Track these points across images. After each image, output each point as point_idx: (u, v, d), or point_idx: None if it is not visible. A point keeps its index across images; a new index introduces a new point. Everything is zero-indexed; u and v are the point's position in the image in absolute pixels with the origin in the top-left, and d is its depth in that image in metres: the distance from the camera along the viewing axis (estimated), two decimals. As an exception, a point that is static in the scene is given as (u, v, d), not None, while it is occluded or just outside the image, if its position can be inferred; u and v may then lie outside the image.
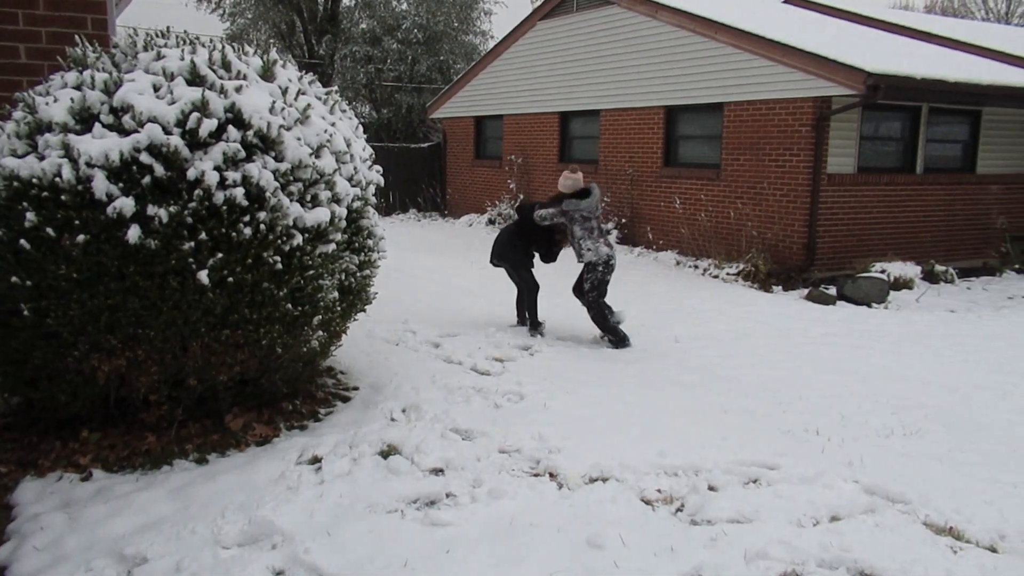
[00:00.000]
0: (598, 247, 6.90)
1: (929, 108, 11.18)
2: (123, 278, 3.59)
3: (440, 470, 3.82)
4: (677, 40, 12.00)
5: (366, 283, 4.77)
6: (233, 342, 3.91)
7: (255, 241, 3.73)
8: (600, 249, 6.89)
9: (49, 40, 4.82)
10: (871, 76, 9.24)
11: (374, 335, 6.61)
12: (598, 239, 6.94)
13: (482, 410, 4.76)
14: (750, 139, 11.07)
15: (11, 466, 3.75)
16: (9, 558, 3.02)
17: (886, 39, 13.18)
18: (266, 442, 4.14)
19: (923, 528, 3.48)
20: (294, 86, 4.23)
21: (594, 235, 6.92)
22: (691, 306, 8.90)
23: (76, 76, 3.85)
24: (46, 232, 3.49)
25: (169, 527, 3.18)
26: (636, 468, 3.93)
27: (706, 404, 5.25)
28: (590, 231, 6.90)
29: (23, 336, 3.72)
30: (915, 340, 7.59)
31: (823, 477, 3.91)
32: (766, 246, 10.72)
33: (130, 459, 3.85)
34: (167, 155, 3.58)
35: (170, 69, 3.82)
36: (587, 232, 6.88)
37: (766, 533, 3.32)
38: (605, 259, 6.89)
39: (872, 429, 4.97)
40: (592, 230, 6.92)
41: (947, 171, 11.71)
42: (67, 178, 3.47)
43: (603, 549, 3.14)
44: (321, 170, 4.05)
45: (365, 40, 23.91)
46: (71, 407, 3.96)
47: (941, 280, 10.84)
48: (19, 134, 3.68)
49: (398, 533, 3.19)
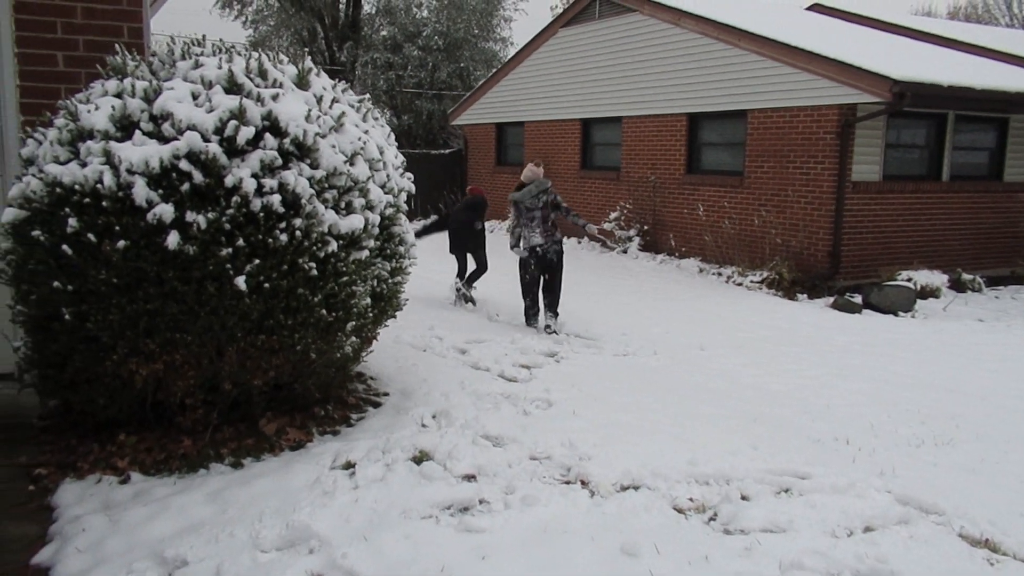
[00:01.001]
0: (531, 236, 7.70)
1: (955, 116, 11.12)
2: (162, 283, 3.64)
3: (472, 476, 3.83)
4: (700, 47, 12.00)
5: (397, 289, 4.81)
6: (268, 347, 3.95)
7: (291, 247, 3.77)
8: (531, 238, 7.69)
9: (86, 48, 4.90)
10: (897, 83, 9.21)
11: (401, 341, 6.64)
12: (534, 228, 7.69)
13: (511, 417, 4.77)
14: (774, 146, 11.04)
15: (51, 468, 3.81)
16: (53, 559, 3.06)
17: (911, 46, 13.12)
18: (300, 447, 4.17)
19: (959, 540, 3.45)
20: (328, 94, 4.27)
21: (531, 224, 7.69)
22: (715, 314, 8.88)
23: (116, 84, 3.91)
24: (87, 238, 3.54)
25: (208, 530, 3.21)
26: (667, 476, 3.93)
27: (734, 412, 5.23)
28: (529, 219, 7.70)
29: (63, 340, 3.77)
30: (943, 349, 7.53)
31: (855, 487, 3.89)
32: (790, 254, 10.68)
33: (167, 462, 3.89)
34: (206, 162, 3.63)
35: (208, 77, 3.87)
36: (525, 220, 7.70)
37: (800, 543, 3.31)
38: (528, 247, 7.71)
39: (902, 439, 4.94)
40: (532, 218, 7.69)
41: (974, 179, 11.62)
42: (108, 185, 3.53)
43: (637, 557, 3.15)
44: (355, 177, 4.09)
45: (386, 47, 24.06)
46: (109, 410, 4.01)
47: (968, 289, 10.76)
48: (61, 141, 3.74)
49: (433, 539, 3.21)
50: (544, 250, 7.63)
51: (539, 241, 7.61)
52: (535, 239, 7.61)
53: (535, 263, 7.70)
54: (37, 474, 3.76)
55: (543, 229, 7.64)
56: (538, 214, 7.59)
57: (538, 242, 7.61)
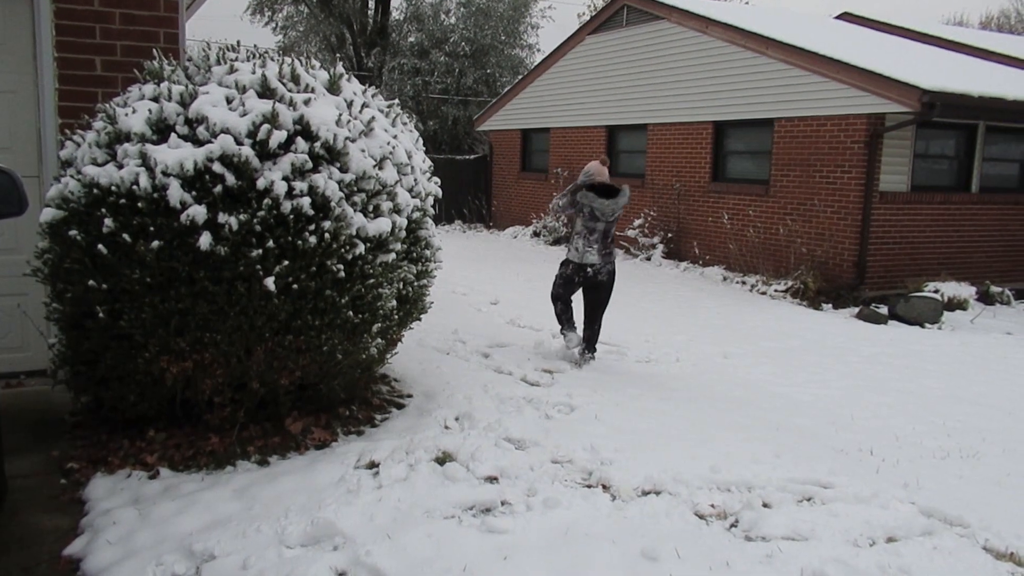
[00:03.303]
0: (585, 252, 6.42)
1: (986, 126, 11.01)
2: (193, 283, 3.71)
3: (495, 478, 3.87)
4: (727, 55, 11.98)
5: (423, 292, 4.86)
6: (295, 347, 4.01)
7: (319, 249, 3.83)
8: (587, 255, 6.41)
9: (123, 53, 5.02)
10: (927, 93, 9.14)
11: (425, 344, 6.70)
12: (592, 243, 6.41)
13: (534, 420, 4.80)
14: (800, 155, 10.99)
15: (83, 462, 3.89)
16: (84, 550, 3.13)
17: (941, 56, 13.01)
18: (324, 446, 4.23)
19: (983, 553, 3.43)
20: (359, 99, 4.34)
21: (591, 238, 6.40)
22: (739, 322, 8.85)
23: (153, 88, 4.00)
24: (122, 238, 3.62)
25: (235, 525, 3.27)
26: (689, 482, 3.94)
27: (757, 420, 5.23)
28: (589, 231, 6.39)
29: (96, 337, 3.86)
30: (970, 362, 7.46)
31: (879, 497, 3.87)
32: (815, 263, 10.62)
33: (195, 459, 3.96)
34: (238, 165, 3.70)
35: (242, 82, 3.95)
36: (585, 231, 6.41)
37: (822, 551, 3.30)
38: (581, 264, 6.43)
39: (927, 451, 4.90)
40: (592, 231, 6.38)
41: (1004, 191, 11.50)
42: (144, 186, 3.61)
43: (658, 562, 3.16)
44: (383, 181, 4.14)
45: (413, 53, 24.25)
46: (139, 407, 4.09)
47: (997, 301, 10.63)
48: (99, 143, 3.84)
49: (456, 539, 3.24)
50: (596, 271, 6.44)
51: (595, 260, 6.41)
52: (591, 256, 6.41)
53: (580, 281, 6.54)
54: (69, 468, 3.85)
55: (601, 246, 6.44)
56: (601, 227, 6.37)
57: (593, 261, 6.41)
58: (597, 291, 6.58)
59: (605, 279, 6.52)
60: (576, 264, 6.48)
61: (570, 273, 6.53)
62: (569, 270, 6.53)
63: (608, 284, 6.57)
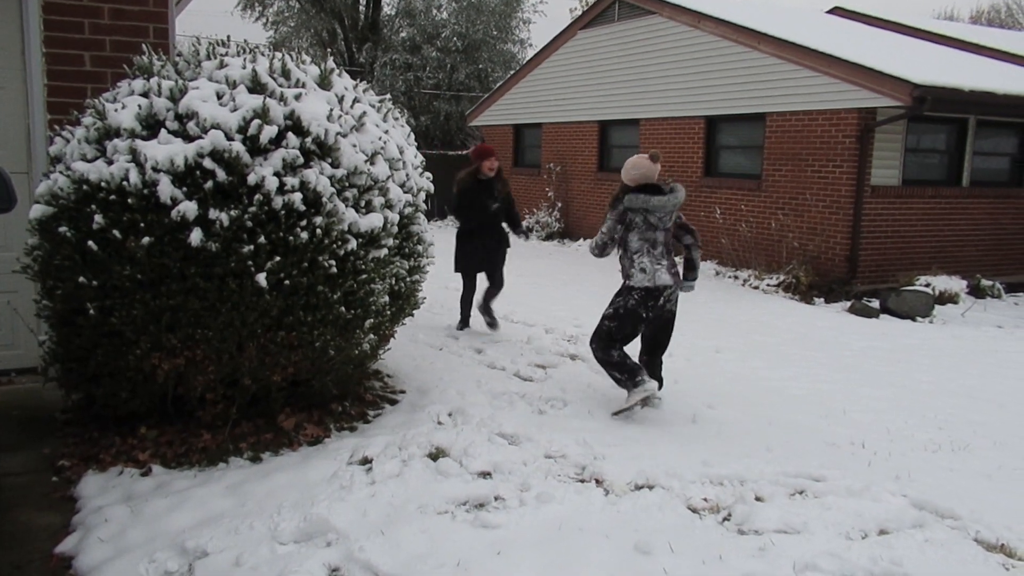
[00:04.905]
0: (656, 271, 4.95)
1: (977, 121, 11.04)
2: (184, 279, 3.70)
3: (488, 473, 3.87)
4: (719, 50, 11.99)
5: (415, 288, 4.85)
6: (288, 343, 4.00)
7: (311, 245, 3.82)
8: (659, 274, 4.95)
9: (113, 48, 4.99)
10: (918, 88, 9.17)
11: (418, 339, 6.69)
12: (659, 258, 4.98)
13: (527, 415, 4.80)
14: (792, 150, 11.02)
15: (74, 460, 3.88)
16: (76, 548, 3.12)
17: (932, 50, 13.04)
18: (317, 442, 4.23)
19: (974, 545, 3.45)
20: (350, 94, 4.33)
21: (655, 252, 4.97)
22: (731, 317, 8.87)
23: (143, 83, 3.98)
24: (112, 234, 3.61)
25: (227, 522, 3.26)
26: (682, 476, 3.94)
27: (749, 415, 5.23)
28: (651, 244, 4.97)
29: (87, 334, 3.84)
30: (961, 355, 7.49)
31: (870, 490, 3.89)
32: (807, 258, 10.64)
33: (187, 456, 3.95)
34: (229, 161, 3.69)
35: (233, 77, 3.93)
36: (646, 246, 4.97)
37: (815, 544, 3.31)
38: (655, 287, 4.96)
39: (919, 444, 4.92)
40: (655, 244, 4.97)
41: (994, 185, 11.54)
42: (134, 182, 3.59)
43: (651, 555, 3.17)
44: (375, 176, 4.13)
45: (405, 48, 24.20)
46: (130, 404, 4.07)
47: (988, 295, 10.67)
48: (89, 139, 3.82)
49: (449, 534, 3.24)
50: (668, 296, 5.03)
51: (667, 281, 4.98)
52: (662, 277, 4.95)
53: (649, 314, 5.03)
54: (60, 466, 3.83)
55: (669, 262, 5.03)
56: (661, 236, 4.98)
57: (667, 282, 4.98)
58: (666, 326, 5.18)
59: (674, 308, 5.15)
60: (646, 290, 4.95)
61: (635, 304, 4.98)
62: (634, 300, 4.98)
63: (674, 313, 5.20)
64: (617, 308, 5.04)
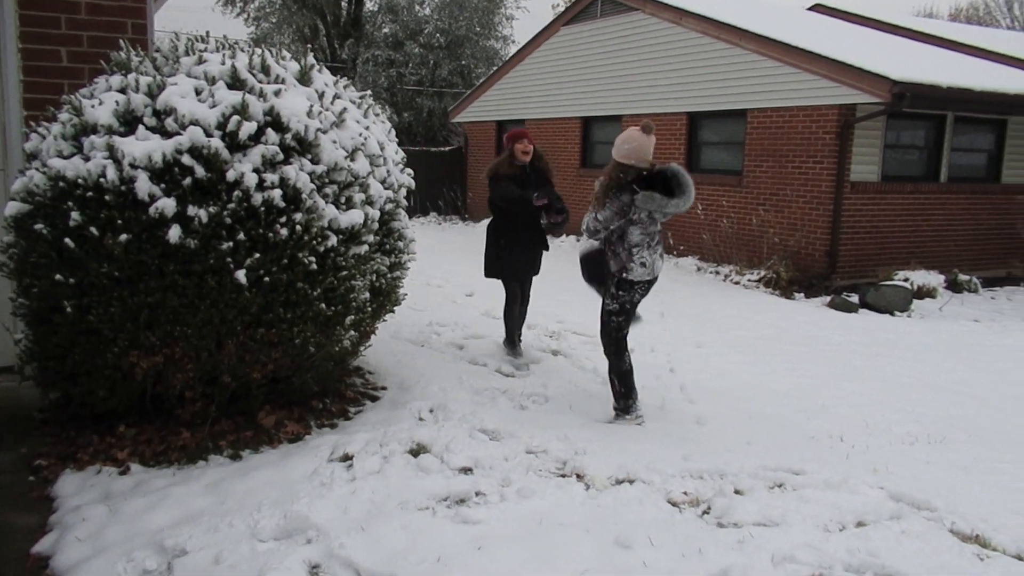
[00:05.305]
0: (654, 262, 4.89)
1: (955, 117, 11.15)
2: (163, 277, 3.68)
3: (469, 469, 3.87)
4: (701, 46, 12.03)
5: (396, 284, 4.85)
6: (267, 340, 3.99)
7: (291, 242, 3.81)
8: (656, 264, 4.91)
9: (90, 44, 4.94)
10: (897, 84, 9.24)
11: (400, 336, 6.68)
12: (656, 248, 4.91)
13: (508, 411, 4.81)
14: (773, 146, 11.08)
15: (51, 459, 3.84)
16: (53, 548, 3.10)
17: (911, 47, 13.15)
18: (298, 439, 4.21)
19: (949, 535, 3.49)
20: (330, 90, 4.31)
21: (653, 244, 4.88)
22: (713, 312, 8.91)
23: (120, 79, 3.94)
24: (90, 231, 3.58)
25: (207, 520, 3.25)
26: (662, 471, 3.97)
27: (730, 409, 5.27)
28: (651, 237, 4.86)
29: (64, 332, 3.81)
30: (939, 349, 7.57)
31: (848, 483, 3.93)
32: (788, 253, 10.71)
33: (166, 454, 3.93)
34: (208, 157, 3.66)
35: (212, 73, 3.91)
36: (647, 239, 4.84)
37: (793, 537, 3.35)
38: (655, 278, 4.98)
39: (897, 437, 4.98)
40: (655, 236, 4.89)
41: (972, 180, 11.66)
42: (111, 179, 3.56)
43: (632, 549, 3.19)
44: (355, 173, 4.12)
45: (387, 44, 24.07)
46: (108, 402, 4.05)
47: (965, 289, 10.79)
48: (65, 135, 3.78)
49: (430, 530, 3.24)
50: (654, 282, 5.02)
51: (660, 269, 5.00)
52: (659, 266, 4.95)
53: (639, 298, 4.97)
54: (37, 465, 3.80)
55: (662, 248, 5.00)
56: (659, 228, 4.91)
57: (660, 270, 5.00)
58: None
59: None
60: (647, 283, 4.93)
61: (638, 299, 4.95)
62: (638, 295, 4.93)
63: None
64: (623, 304, 4.89)
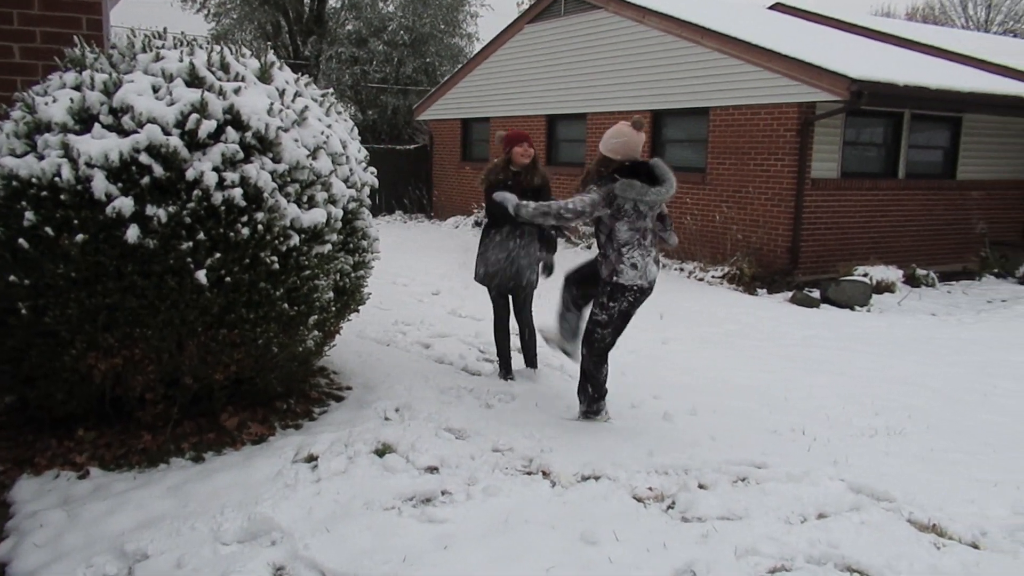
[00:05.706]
0: (647, 265, 4.49)
1: (911, 114, 11.36)
2: (121, 277, 3.61)
3: (435, 468, 3.87)
4: (664, 45, 12.11)
5: (360, 283, 4.81)
6: (229, 341, 3.94)
7: (253, 241, 3.76)
8: (649, 268, 4.50)
9: (44, 40, 4.83)
10: (855, 82, 9.39)
11: (365, 335, 6.65)
12: (649, 249, 4.52)
13: (475, 409, 4.81)
14: (735, 143, 11.20)
15: (7, 464, 3.76)
16: (9, 555, 3.04)
17: (870, 46, 13.37)
18: (262, 441, 4.17)
19: (907, 525, 3.56)
20: (291, 88, 4.27)
21: (645, 243, 4.50)
22: (677, 308, 8.99)
23: (75, 76, 3.86)
24: (45, 231, 3.50)
25: (168, 524, 3.21)
26: (627, 467, 4.00)
27: (694, 405, 5.32)
28: (642, 235, 4.50)
29: (20, 335, 3.73)
30: (898, 343, 7.72)
31: (810, 476, 3.99)
32: (751, 249, 10.84)
33: (127, 457, 3.86)
34: (166, 156, 3.61)
35: (169, 70, 3.84)
36: (637, 236, 4.49)
37: (756, 530, 3.39)
38: (648, 284, 4.54)
39: (857, 429, 5.07)
40: (645, 234, 4.50)
41: (928, 177, 11.90)
42: (66, 178, 3.49)
43: (597, 545, 3.21)
44: (318, 171, 4.09)
45: (351, 41, 23.89)
46: (67, 406, 3.97)
47: (922, 284, 11.01)
48: (18, 134, 3.69)
49: (396, 530, 3.23)
50: (647, 291, 4.57)
51: (656, 275, 4.57)
52: (652, 271, 4.53)
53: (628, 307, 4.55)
54: (-8, 471, 3.72)
55: (656, 252, 4.62)
56: (648, 224, 4.50)
57: (655, 276, 4.56)
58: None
59: None
60: (640, 289, 4.50)
61: (628, 307, 4.52)
62: (627, 303, 4.51)
63: None
64: (611, 314, 4.51)
